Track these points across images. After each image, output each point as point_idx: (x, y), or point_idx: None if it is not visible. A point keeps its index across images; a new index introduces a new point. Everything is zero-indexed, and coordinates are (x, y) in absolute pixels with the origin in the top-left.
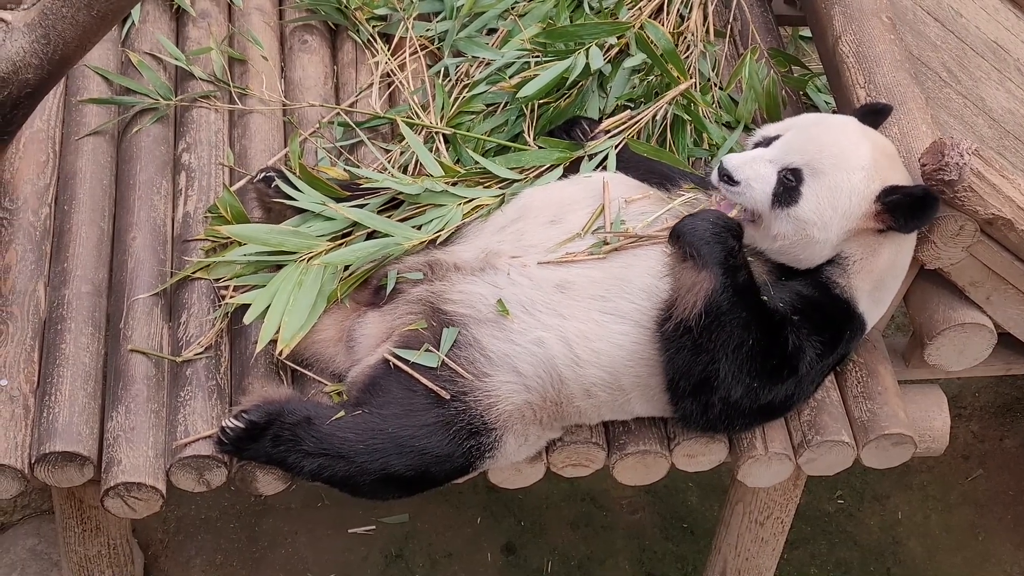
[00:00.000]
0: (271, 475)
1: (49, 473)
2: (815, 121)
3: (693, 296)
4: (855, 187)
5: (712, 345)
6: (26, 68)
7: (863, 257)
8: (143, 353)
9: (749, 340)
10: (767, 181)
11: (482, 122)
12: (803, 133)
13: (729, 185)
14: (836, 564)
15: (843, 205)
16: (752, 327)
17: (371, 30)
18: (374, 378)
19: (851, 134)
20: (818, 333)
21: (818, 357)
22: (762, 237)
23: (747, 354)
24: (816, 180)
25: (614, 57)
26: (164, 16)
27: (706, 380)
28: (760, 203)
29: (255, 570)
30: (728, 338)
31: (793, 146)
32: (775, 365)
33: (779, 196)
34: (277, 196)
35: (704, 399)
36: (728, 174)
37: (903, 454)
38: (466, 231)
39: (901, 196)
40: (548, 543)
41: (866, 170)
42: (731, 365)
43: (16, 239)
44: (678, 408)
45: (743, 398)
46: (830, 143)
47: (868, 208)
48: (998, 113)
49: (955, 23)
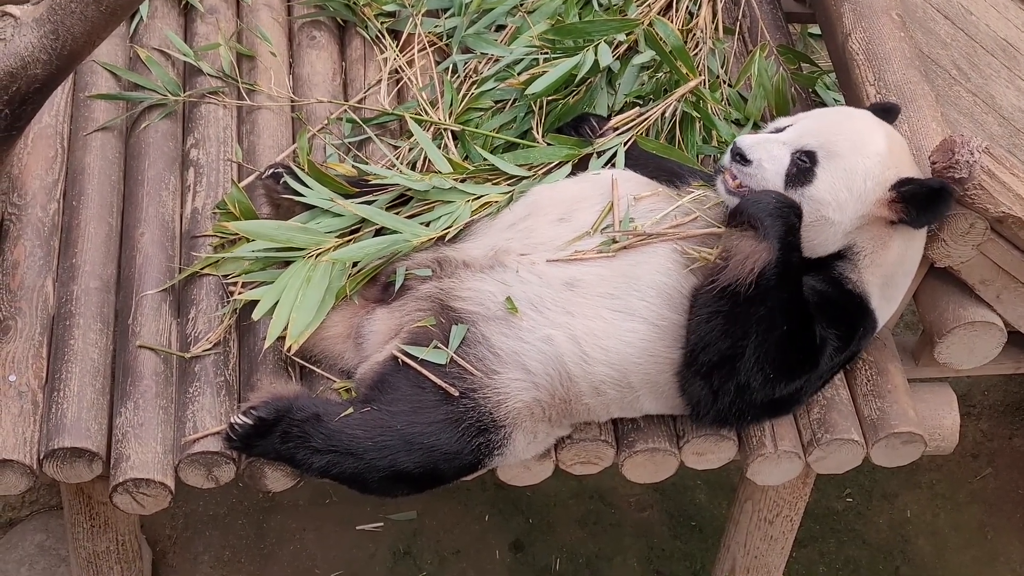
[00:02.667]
0: (280, 471)
1: (58, 469)
2: (831, 110)
3: (751, 263)
4: (870, 170)
5: (748, 319)
6: (35, 63)
7: (873, 250)
8: (152, 349)
9: (783, 325)
10: (780, 162)
11: (491, 119)
12: (818, 118)
13: (742, 165)
14: (845, 562)
15: (858, 187)
16: (790, 313)
17: (379, 26)
18: (383, 375)
19: (868, 121)
20: (834, 327)
21: (834, 351)
22: None
23: (777, 340)
24: (831, 162)
25: (623, 54)
26: (172, 12)
27: (729, 359)
28: (772, 184)
29: (263, 566)
30: (765, 316)
31: (808, 129)
32: (799, 359)
33: (792, 177)
34: (285, 192)
35: (717, 383)
36: (741, 153)
37: (913, 453)
38: (475, 228)
39: (917, 187)
40: (556, 540)
41: (881, 156)
42: (759, 349)
43: (25, 235)
44: (687, 392)
45: (759, 389)
46: (847, 127)
47: (883, 195)
48: (1008, 111)
49: (965, 20)
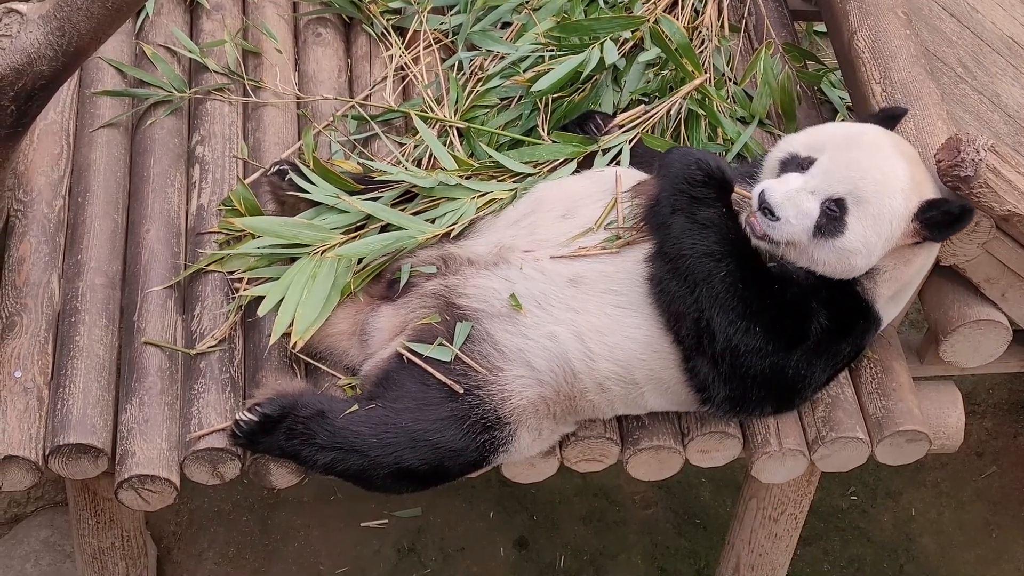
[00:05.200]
0: (284, 468)
1: (63, 465)
2: (848, 142)
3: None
4: (896, 211)
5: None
6: (41, 60)
7: (895, 267)
8: (157, 346)
9: (721, 271)
10: (810, 216)
11: (496, 116)
12: (842, 157)
13: (769, 219)
14: (849, 560)
15: (885, 231)
16: (724, 258)
17: (385, 23)
18: (388, 372)
19: (886, 151)
20: (826, 308)
21: (824, 332)
22: (798, 257)
23: (729, 288)
24: (860, 209)
25: (628, 51)
26: (178, 8)
27: (698, 323)
28: (798, 237)
29: (267, 563)
30: (694, 265)
31: (834, 174)
32: (774, 313)
33: (822, 228)
34: (291, 189)
35: (710, 351)
36: (770, 209)
37: (918, 451)
38: (479, 225)
39: (938, 214)
40: (560, 538)
41: (905, 192)
42: (710, 296)
43: (30, 231)
44: (695, 377)
45: (750, 354)
46: (870, 167)
47: (907, 227)
48: (1014, 109)
49: (971, 18)
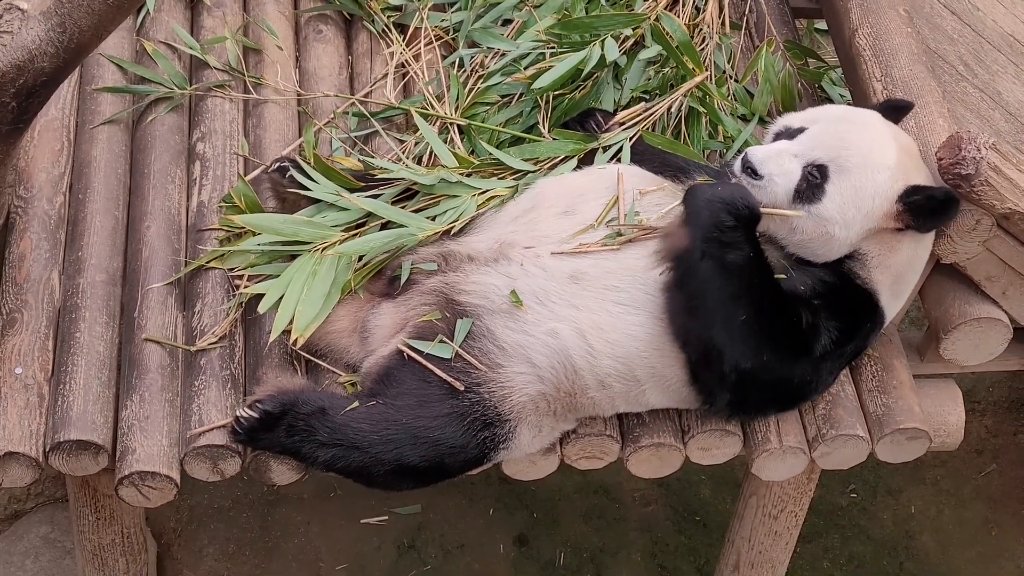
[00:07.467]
0: (285, 465)
1: (63, 461)
2: (842, 116)
3: (666, 248)
4: (879, 187)
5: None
6: (42, 56)
7: (880, 253)
8: (157, 342)
9: (741, 314)
10: (791, 177)
11: (497, 113)
12: (831, 128)
13: (752, 179)
14: (849, 558)
15: (866, 205)
16: (743, 302)
17: (386, 20)
18: (388, 369)
19: (878, 131)
20: (836, 319)
21: (834, 343)
22: (779, 227)
23: (744, 326)
24: (841, 178)
25: (629, 49)
26: (179, 5)
27: (709, 349)
28: (781, 199)
29: (267, 560)
30: (714, 307)
31: (820, 141)
32: (784, 340)
33: (802, 192)
34: (291, 186)
35: (717, 369)
36: (752, 168)
37: (918, 449)
38: (480, 222)
39: (922, 198)
40: (560, 535)
41: (891, 170)
42: (726, 335)
43: (31, 227)
44: (700, 384)
45: (757, 371)
46: (858, 140)
47: (889, 208)
48: (1015, 107)
49: (972, 16)
